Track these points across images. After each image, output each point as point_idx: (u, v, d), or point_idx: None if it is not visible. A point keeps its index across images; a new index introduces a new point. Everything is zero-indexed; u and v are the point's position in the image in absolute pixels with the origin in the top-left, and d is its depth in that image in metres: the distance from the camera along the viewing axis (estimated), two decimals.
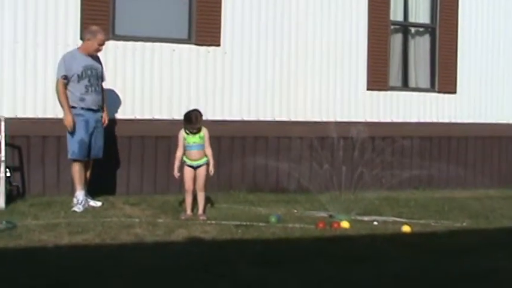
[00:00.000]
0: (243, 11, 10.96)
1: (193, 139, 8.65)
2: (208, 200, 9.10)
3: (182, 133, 8.70)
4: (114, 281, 5.70)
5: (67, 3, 9.91)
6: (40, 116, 9.74)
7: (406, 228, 8.24)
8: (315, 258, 6.62)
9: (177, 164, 8.68)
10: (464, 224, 8.82)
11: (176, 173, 8.66)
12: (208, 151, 8.74)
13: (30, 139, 9.75)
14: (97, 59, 9.26)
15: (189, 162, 8.68)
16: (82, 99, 8.92)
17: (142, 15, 10.47)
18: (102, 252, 6.71)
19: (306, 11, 11.39)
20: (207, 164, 8.70)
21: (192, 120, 8.72)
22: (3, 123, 9.09)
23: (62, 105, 8.93)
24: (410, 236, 8.08)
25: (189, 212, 8.64)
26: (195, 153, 8.68)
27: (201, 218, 8.49)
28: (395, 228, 8.29)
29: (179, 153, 8.71)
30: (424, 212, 9.49)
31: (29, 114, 9.72)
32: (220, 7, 10.78)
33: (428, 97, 12.49)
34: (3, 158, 8.95)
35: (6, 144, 9.11)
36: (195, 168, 8.67)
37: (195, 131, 8.67)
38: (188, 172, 8.67)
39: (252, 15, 11.02)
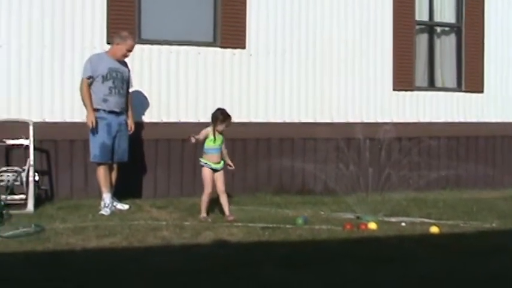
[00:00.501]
0: (268, 13, 10.97)
1: (217, 142, 8.66)
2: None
3: (208, 133, 8.68)
4: (141, 283, 5.71)
5: (93, 8, 9.98)
6: (67, 120, 9.81)
7: (434, 229, 8.16)
8: (342, 260, 6.58)
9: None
10: (493, 224, 8.73)
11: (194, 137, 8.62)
12: (225, 151, 8.82)
13: (58, 143, 9.82)
14: (124, 64, 9.31)
15: (213, 166, 8.68)
16: (105, 100, 8.97)
17: (168, 19, 10.52)
18: (130, 255, 6.72)
19: (330, 12, 11.38)
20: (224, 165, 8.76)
21: (229, 115, 8.76)
22: (31, 128, 9.17)
23: (84, 105, 8.98)
24: (438, 237, 8.00)
25: (206, 214, 8.68)
26: (217, 156, 8.71)
27: (230, 218, 8.51)
28: (423, 229, 8.22)
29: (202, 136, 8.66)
30: (452, 213, 9.39)
31: (57, 118, 9.80)
32: (245, 9, 10.79)
33: (455, 97, 12.42)
34: (31, 162, 9.03)
35: (34, 149, 9.19)
36: (215, 171, 8.69)
37: (226, 128, 8.69)
38: (210, 174, 8.68)
39: (277, 17, 11.03)
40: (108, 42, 9.66)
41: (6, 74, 9.60)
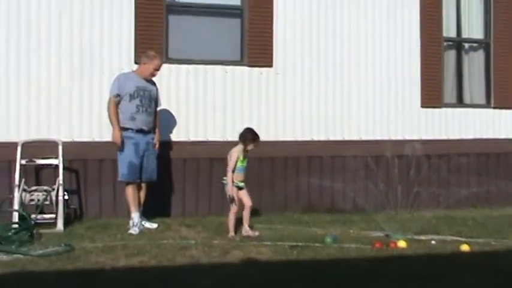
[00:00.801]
0: (295, 31, 10.98)
1: (244, 162, 8.69)
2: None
3: (238, 155, 8.70)
4: None
5: (121, 28, 10.07)
6: (96, 139, 9.87)
7: (465, 247, 8.08)
8: (371, 279, 6.54)
9: (231, 185, 8.67)
10: None
11: (234, 193, 8.67)
12: None
13: (87, 162, 9.89)
14: (152, 82, 9.37)
15: (239, 184, 8.70)
16: (132, 119, 9.01)
17: (195, 38, 10.58)
18: (158, 274, 6.73)
19: (357, 29, 11.37)
20: None
21: (258, 135, 8.86)
22: (60, 147, 9.24)
23: (111, 123, 9.04)
24: (469, 255, 7.92)
25: (234, 232, 8.70)
26: (243, 175, 8.75)
27: (257, 233, 8.56)
28: (454, 248, 8.13)
29: (231, 174, 8.70)
30: (483, 231, 9.28)
31: (86, 138, 9.87)
32: (272, 28, 10.82)
33: (484, 113, 12.32)
34: (61, 182, 9.09)
35: (64, 168, 9.25)
36: (240, 189, 8.72)
37: (255, 148, 8.76)
38: (236, 192, 8.69)
39: (304, 36, 11.04)
40: (136, 62, 9.72)
41: (37, 96, 9.69)
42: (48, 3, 9.76)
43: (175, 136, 10.31)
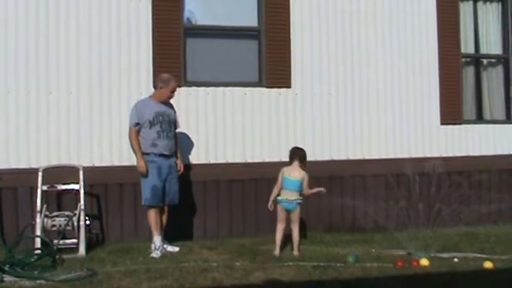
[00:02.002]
0: (312, 52, 11.00)
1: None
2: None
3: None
4: None
5: (139, 52, 10.14)
6: (116, 163, 9.92)
7: (488, 265, 8.02)
8: None
9: None
10: None
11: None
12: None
13: (107, 187, 9.93)
14: (170, 106, 9.41)
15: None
16: (154, 145, 9.05)
17: (213, 60, 10.64)
18: None
19: (375, 47, 11.38)
20: None
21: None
22: (81, 172, 9.30)
23: (134, 152, 9.08)
24: (492, 272, 7.86)
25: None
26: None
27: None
28: (477, 265, 8.08)
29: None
30: (506, 247, 9.21)
31: (106, 162, 9.92)
32: (289, 49, 10.85)
33: (504, 129, 12.25)
34: (82, 207, 9.13)
35: (85, 193, 9.30)
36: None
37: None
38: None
39: (322, 56, 11.05)
40: (154, 86, 9.77)
41: (57, 121, 9.76)
42: (67, 28, 9.85)
43: (195, 159, 10.34)
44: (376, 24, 11.42)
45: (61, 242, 8.81)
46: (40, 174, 9.16)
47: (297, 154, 9.13)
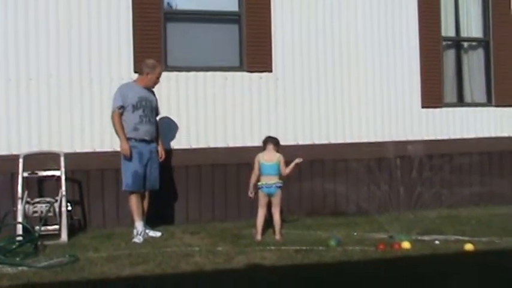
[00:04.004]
0: (293, 36, 11.00)
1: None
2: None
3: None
4: None
5: (119, 38, 10.09)
6: (98, 149, 9.89)
7: (468, 247, 8.07)
8: (377, 281, 6.54)
9: None
10: None
11: None
12: None
13: (89, 173, 9.90)
14: (152, 92, 9.38)
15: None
16: (136, 129, 9.02)
17: (193, 45, 10.60)
18: (163, 282, 6.75)
19: (355, 30, 11.38)
20: None
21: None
22: (62, 159, 9.26)
23: (118, 135, 9.05)
24: (473, 254, 7.92)
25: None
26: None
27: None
28: (458, 247, 8.13)
29: None
30: (487, 230, 9.27)
31: (87, 148, 9.88)
32: (270, 33, 10.83)
33: (485, 112, 12.31)
34: (64, 193, 9.10)
35: (66, 179, 9.27)
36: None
37: None
38: None
39: (302, 40, 11.05)
40: (136, 71, 9.74)
41: (37, 107, 9.71)
42: (46, 14, 9.78)
43: (177, 144, 10.32)
44: (357, 8, 11.41)
45: (43, 228, 8.78)
46: (21, 160, 9.11)
47: (270, 139, 9.16)
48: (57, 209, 9.00)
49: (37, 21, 9.75)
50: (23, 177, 9.11)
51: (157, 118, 9.55)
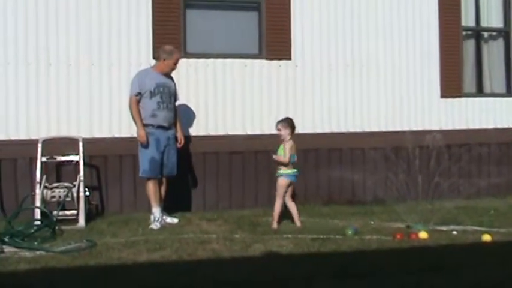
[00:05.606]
0: (313, 23, 10.96)
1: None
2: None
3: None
4: None
5: (138, 24, 10.10)
6: (116, 135, 9.92)
7: (486, 237, 8.03)
8: (393, 271, 6.52)
9: None
10: None
11: None
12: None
13: (107, 158, 9.93)
14: (170, 78, 9.37)
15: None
16: (154, 115, 9.03)
17: (213, 33, 10.59)
18: (180, 268, 6.75)
19: (375, 21, 11.33)
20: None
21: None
22: (81, 144, 9.29)
23: (135, 121, 9.06)
24: (490, 245, 7.88)
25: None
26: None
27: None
28: (475, 238, 8.09)
29: None
30: (505, 220, 9.23)
31: (105, 134, 9.91)
32: (289, 21, 10.81)
33: (504, 102, 12.23)
34: (82, 178, 9.13)
35: (84, 164, 9.30)
36: None
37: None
38: None
39: (322, 28, 11.01)
40: (154, 58, 9.74)
41: (56, 93, 9.74)
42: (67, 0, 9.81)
43: (195, 130, 10.33)
44: None
45: (60, 213, 8.84)
46: (40, 145, 9.16)
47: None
48: (75, 194, 9.04)
49: (57, 7, 9.76)
50: (42, 162, 9.15)
51: (176, 104, 9.54)
